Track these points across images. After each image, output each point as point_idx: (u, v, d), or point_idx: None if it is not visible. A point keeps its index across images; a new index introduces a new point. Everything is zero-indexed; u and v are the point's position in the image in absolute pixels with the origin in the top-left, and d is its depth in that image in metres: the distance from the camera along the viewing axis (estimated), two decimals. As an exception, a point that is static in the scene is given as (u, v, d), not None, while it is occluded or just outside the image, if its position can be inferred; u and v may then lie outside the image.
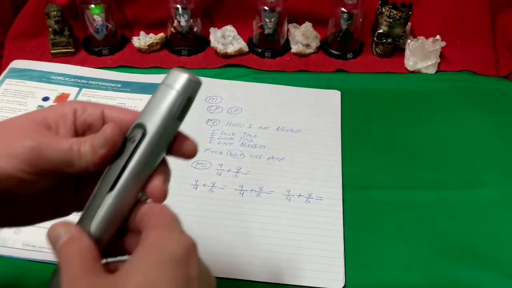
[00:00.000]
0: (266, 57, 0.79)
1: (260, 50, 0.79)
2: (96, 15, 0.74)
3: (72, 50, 0.77)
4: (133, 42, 0.78)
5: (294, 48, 0.79)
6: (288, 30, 0.81)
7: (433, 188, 0.59)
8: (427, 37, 0.79)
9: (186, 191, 0.56)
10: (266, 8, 0.74)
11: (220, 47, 0.77)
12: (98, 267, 0.29)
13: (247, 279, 0.49)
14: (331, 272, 0.48)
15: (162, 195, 0.32)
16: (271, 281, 0.49)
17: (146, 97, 0.69)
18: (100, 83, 0.71)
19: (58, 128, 0.33)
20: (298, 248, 0.51)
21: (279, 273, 0.49)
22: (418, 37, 0.80)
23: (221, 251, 0.51)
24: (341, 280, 0.49)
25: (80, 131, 0.34)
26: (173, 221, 0.30)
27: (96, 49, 0.77)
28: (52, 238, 0.30)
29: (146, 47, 0.77)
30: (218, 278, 0.47)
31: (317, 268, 0.49)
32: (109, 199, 0.30)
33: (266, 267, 0.49)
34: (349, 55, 0.80)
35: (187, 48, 0.78)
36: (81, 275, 0.28)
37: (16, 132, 0.32)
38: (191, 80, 0.31)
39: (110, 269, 0.30)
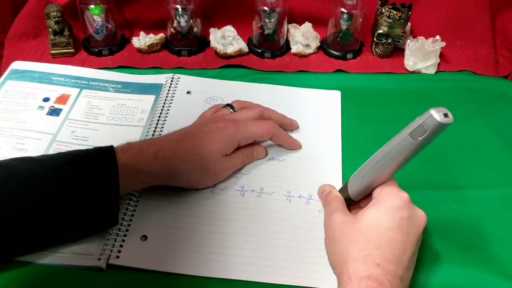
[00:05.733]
0: (266, 58, 0.79)
1: (260, 51, 0.79)
2: (96, 15, 0.74)
3: (72, 50, 0.77)
4: (133, 43, 0.78)
5: (294, 49, 0.79)
6: (288, 30, 0.81)
7: (433, 188, 0.59)
8: (427, 37, 0.79)
9: (188, 192, 0.56)
10: (266, 8, 0.74)
11: (220, 48, 0.77)
12: (345, 208, 0.49)
13: (246, 279, 0.49)
14: (332, 273, 0.48)
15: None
16: (271, 282, 0.49)
17: (146, 98, 0.69)
18: (100, 84, 0.71)
19: None
20: (298, 249, 0.51)
21: (279, 274, 0.49)
22: (418, 37, 0.80)
23: (220, 251, 0.51)
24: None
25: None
26: (394, 184, 0.47)
27: (96, 50, 0.77)
28: (320, 190, 0.53)
29: (146, 48, 0.77)
30: (216, 278, 0.48)
31: (317, 269, 0.49)
32: (361, 185, 0.48)
33: (266, 268, 0.49)
34: (349, 56, 0.80)
35: (187, 49, 0.78)
36: (335, 210, 0.48)
37: None
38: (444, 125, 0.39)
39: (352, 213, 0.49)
